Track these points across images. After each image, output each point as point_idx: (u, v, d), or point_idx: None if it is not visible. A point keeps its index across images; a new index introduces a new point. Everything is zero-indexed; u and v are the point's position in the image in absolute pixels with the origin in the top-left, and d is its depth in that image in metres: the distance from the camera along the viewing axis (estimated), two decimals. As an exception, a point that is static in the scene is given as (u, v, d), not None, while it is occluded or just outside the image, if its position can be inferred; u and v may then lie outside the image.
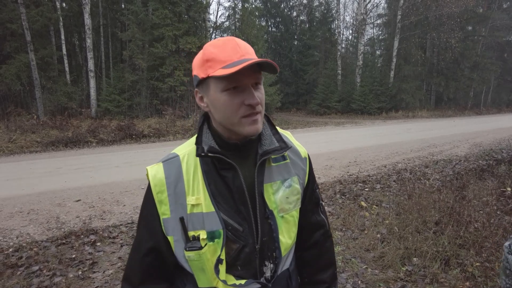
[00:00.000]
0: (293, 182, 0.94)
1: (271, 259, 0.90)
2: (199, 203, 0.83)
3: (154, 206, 0.85)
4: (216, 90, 0.79)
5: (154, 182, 0.85)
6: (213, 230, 0.82)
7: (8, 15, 14.46)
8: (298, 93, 27.92)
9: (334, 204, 4.49)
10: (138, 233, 0.91)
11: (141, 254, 0.88)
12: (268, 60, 0.75)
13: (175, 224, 0.84)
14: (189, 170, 0.86)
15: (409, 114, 20.69)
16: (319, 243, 1.07)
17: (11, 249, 3.37)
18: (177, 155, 0.89)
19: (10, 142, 9.41)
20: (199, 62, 0.82)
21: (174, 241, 0.85)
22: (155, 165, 0.88)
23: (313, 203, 1.04)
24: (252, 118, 0.80)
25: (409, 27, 22.39)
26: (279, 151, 0.89)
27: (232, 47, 0.78)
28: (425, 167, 6.48)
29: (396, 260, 2.84)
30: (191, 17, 16.43)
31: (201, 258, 0.83)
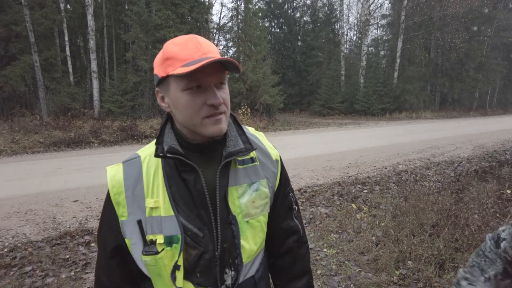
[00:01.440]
0: (261, 186, 0.90)
1: (232, 266, 0.86)
2: (158, 206, 0.80)
3: (113, 208, 0.83)
4: (176, 90, 0.77)
5: (112, 184, 0.83)
6: (171, 235, 0.79)
7: (13, 17, 14.60)
8: (301, 94, 27.88)
9: (331, 206, 4.45)
10: (100, 236, 0.89)
11: (106, 257, 0.87)
12: (229, 59, 0.73)
13: (133, 227, 0.81)
14: (149, 172, 0.83)
15: (413, 115, 20.55)
16: (292, 250, 1.02)
17: (5, 249, 3.38)
18: (139, 155, 0.86)
19: (13, 143, 9.48)
20: (159, 60, 0.79)
21: (131, 244, 0.82)
22: (115, 166, 0.86)
23: (285, 207, 1.00)
24: (215, 118, 0.77)
25: (413, 28, 22.27)
26: (243, 152, 0.85)
27: (194, 45, 0.75)
28: (426, 169, 6.42)
29: (390, 263, 2.80)
30: (193, 18, 16.48)
31: (157, 263, 0.80)
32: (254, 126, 14.61)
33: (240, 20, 18.86)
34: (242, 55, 18.83)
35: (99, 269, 0.90)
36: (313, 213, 4.17)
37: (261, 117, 16.98)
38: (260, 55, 17.98)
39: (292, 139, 11.19)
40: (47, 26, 14.94)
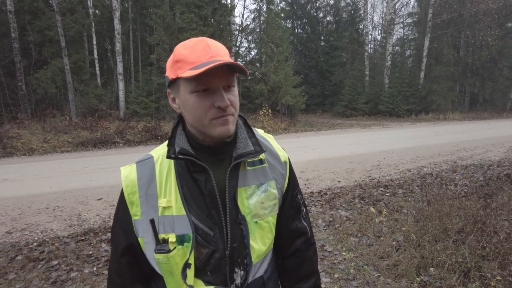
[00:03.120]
0: (270, 187, 0.91)
1: (241, 266, 0.88)
2: (170, 206, 0.82)
3: (126, 207, 0.85)
4: (185, 92, 0.78)
5: (125, 183, 0.85)
6: (183, 233, 0.81)
7: (46, 22, 15.36)
8: (324, 94, 27.55)
9: (352, 209, 4.37)
10: (113, 235, 0.92)
11: (118, 255, 0.88)
12: (236, 63, 0.74)
13: (146, 226, 0.83)
14: (162, 172, 0.85)
15: (440, 117, 19.82)
16: (300, 251, 1.02)
17: (35, 243, 3.55)
18: (152, 156, 0.89)
19: (45, 142, 9.94)
20: (170, 62, 0.81)
21: (144, 242, 0.84)
22: (128, 166, 0.89)
23: (293, 209, 1.00)
24: (221, 119, 0.78)
25: (441, 26, 21.47)
26: (253, 154, 0.86)
27: (203, 48, 0.76)
28: (453, 172, 6.17)
29: (411, 269, 2.71)
30: (216, 21, 16.67)
31: (169, 261, 0.81)
32: (275, 127, 14.59)
33: (262, 22, 18.88)
34: (264, 56, 18.85)
35: (111, 267, 0.92)
36: (333, 216, 4.10)
37: (283, 118, 16.92)
38: (282, 56, 17.93)
39: (314, 140, 11.07)
40: (77, 30, 15.61)
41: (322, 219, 4.04)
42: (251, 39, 20.67)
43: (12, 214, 4.39)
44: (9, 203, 4.78)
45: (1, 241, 3.62)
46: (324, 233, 3.64)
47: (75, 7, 15.86)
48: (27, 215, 4.36)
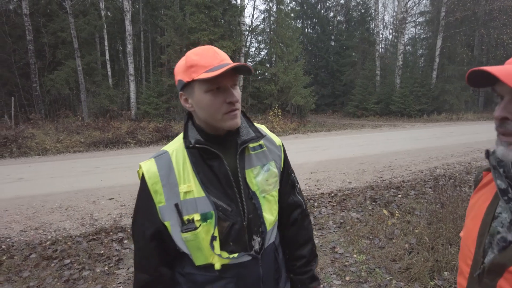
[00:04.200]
0: (271, 166, 1.08)
1: (258, 234, 1.02)
2: (191, 190, 0.94)
3: (150, 197, 0.95)
4: (200, 92, 0.92)
5: (148, 175, 0.95)
6: (205, 212, 0.94)
7: (60, 25, 15.66)
8: (334, 94, 27.36)
9: (363, 210, 4.32)
10: (137, 224, 1.00)
11: (147, 241, 0.97)
12: (245, 63, 0.89)
13: (171, 210, 0.94)
14: (178, 163, 0.97)
15: (453, 117, 19.45)
16: (297, 221, 1.18)
17: (48, 242, 3.61)
18: (166, 151, 1.00)
19: (58, 142, 10.12)
20: (183, 68, 0.93)
21: (170, 225, 0.95)
22: (147, 161, 0.99)
23: (289, 185, 1.17)
24: (232, 113, 0.94)
25: (454, 24, 21.09)
26: (255, 139, 1.03)
27: (212, 54, 0.92)
28: (467, 174, 6.04)
29: (424, 273, 2.66)
30: (226, 21, 16.71)
31: (197, 237, 0.93)
32: (285, 127, 14.55)
33: (272, 22, 18.86)
34: (274, 56, 18.82)
35: (139, 254, 1.01)
36: (344, 218, 4.06)
37: (292, 118, 16.87)
38: (292, 56, 17.87)
39: (324, 141, 11.00)
40: (89, 32, 15.87)
41: (333, 221, 4.00)
42: (261, 40, 20.70)
43: (27, 212, 4.47)
44: (24, 202, 4.87)
45: (16, 239, 3.69)
46: (335, 235, 3.60)
47: (87, 9, 16.11)
48: (40, 214, 4.44)
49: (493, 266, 0.69)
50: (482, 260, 0.72)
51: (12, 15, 15.86)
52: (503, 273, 0.67)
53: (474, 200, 0.84)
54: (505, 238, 0.68)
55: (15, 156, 8.79)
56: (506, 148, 0.67)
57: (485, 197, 0.79)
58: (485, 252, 0.72)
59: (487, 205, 0.76)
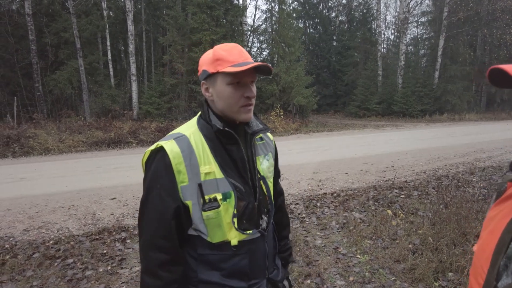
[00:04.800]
0: (270, 157, 1.22)
1: (265, 213, 1.15)
2: (212, 171, 1.01)
3: (173, 176, 0.98)
4: (222, 83, 1.00)
5: (172, 155, 0.98)
6: (226, 191, 1.01)
7: (62, 24, 15.69)
8: (336, 94, 27.30)
9: (366, 211, 4.30)
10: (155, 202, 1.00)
11: (168, 219, 0.98)
12: (267, 64, 0.97)
13: (193, 190, 0.99)
14: (198, 146, 1.02)
15: (455, 117, 19.39)
16: (281, 207, 1.38)
17: (51, 241, 3.61)
18: (184, 134, 1.04)
19: (60, 142, 10.13)
20: (210, 60, 1.02)
21: (192, 204, 1.00)
22: (168, 141, 1.01)
23: (277, 175, 1.31)
24: (248, 107, 1.04)
25: (456, 24, 21.02)
26: (264, 130, 1.14)
27: (238, 52, 1.01)
28: (470, 174, 6.02)
29: (429, 273, 2.64)
30: (228, 21, 16.71)
31: (219, 215, 1.00)
32: (287, 127, 14.52)
33: (274, 22, 18.85)
34: (275, 56, 18.80)
35: (155, 235, 1.00)
36: (347, 218, 4.05)
37: (294, 118, 16.84)
38: (294, 56, 17.84)
39: (326, 141, 10.98)
40: (92, 32, 15.88)
41: (335, 221, 3.99)
42: (263, 40, 20.70)
43: (29, 212, 4.47)
44: (26, 201, 4.88)
45: (19, 238, 3.70)
46: (338, 235, 3.59)
47: (90, 9, 16.13)
48: (43, 213, 4.44)
49: None
50: (495, 284, 0.66)
51: (15, 15, 15.90)
52: None
53: (494, 212, 0.76)
54: None
55: (17, 155, 8.81)
56: None
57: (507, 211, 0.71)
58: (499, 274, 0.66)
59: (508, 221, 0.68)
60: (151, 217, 1.01)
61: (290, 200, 4.84)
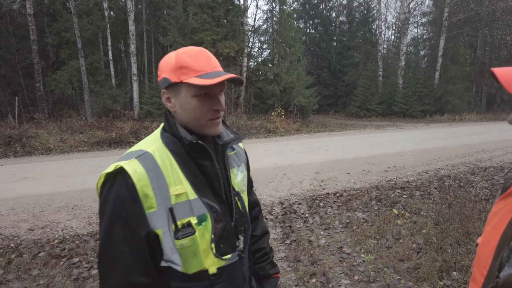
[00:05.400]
0: (243, 168, 1.12)
1: (242, 233, 1.04)
2: (184, 192, 0.89)
3: (138, 202, 0.83)
4: (187, 95, 0.89)
5: (136, 177, 0.83)
6: (200, 214, 0.90)
7: (63, 25, 15.71)
8: (336, 95, 27.33)
9: (369, 210, 4.32)
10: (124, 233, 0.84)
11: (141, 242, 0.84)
12: (238, 76, 0.89)
13: (163, 216, 0.86)
14: (165, 163, 0.89)
15: (456, 118, 19.41)
16: (257, 218, 1.28)
17: (56, 240, 3.63)
18: (147, 151, 0.90)
19: (62, 142, 10.14)
20: (172, 67, 0.89)
21: (162, 233, 0.86)
22: (129, 162, 0.85)
23: (249, 185, 1.22)
24: (216, 121, 0.94)
25: (457, 25, 21.05)
26: (236, 140, 1.03)
27: (205, 59, 0.90)
28: (472, 174, 6.04)
29: (433, 273, 2.66)
30: (229, 21, 16.73)
31: (194, 242, 0.89)
32: (287, 128, 14.53)
33: (275, 22, 18.87)
34: (276, 56, 18.83)
35: (131, 272, 0.84)
36: (350, 218, 4.07)
37: (295, 118, 16.86)
38: (295, 56, 17.87)
39: (327, 141, 11.00)
40: (92, 32, 15.89)
41: (339, 221, 4.01)
42: (264, 40, 20.71)
43: (33, 211, 4.49)
44: (30, 201, 4.89)
45: (24, 237, 3.71)
46: (341, 235, 3.61)
47: (91, 9, 16.15)
48: (47, 212, 4.46)
49: (506, 284, 0.66)
50: (497, 274, 0.69)
51: (16, 15, 15.92)
52: None
53: (498, 207, 0.79)
54: None
55: (19, 155, 8.82)
56: None
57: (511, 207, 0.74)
58: (502, 265, 0.69)
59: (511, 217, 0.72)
60: (122, 252, 0.84)
61: (293, 200, 4.86)
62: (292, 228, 3.82)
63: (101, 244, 0.86)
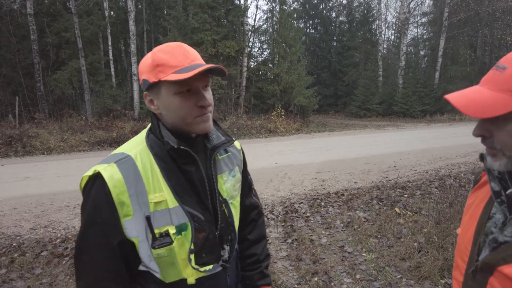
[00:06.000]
0: (236, 172, 1.05)
1: (227, 242, 1.00)
2: (163, 199, 0.85)
3: (114, 209, 0.82)
4: (168, 93, 0.84)
5: (112, 183, 0.81)
6: (180, 223, 0.86)
7: (64, 24, 15.70)
8: (336, 95, 27.34)
9: (370, 210, 4.33)
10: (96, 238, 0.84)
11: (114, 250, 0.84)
12: (219, 66, 0.82)
13: (139, 224, 0.83)
14: (146, 168, 0.86)
15: (456, 117, 19.43)
16: (254, 221, 1.20)
17: (58, 240, 3.64)
18: (128, 155, 0.87)
19: (62, 142, 10.15)
20: (149, 67, 0.84)
21: (139, 242, 0.84)
22: (107, 167, 0.84)
23: (246, 187, 1.16)
24: (204, 117, 0.87)
25: (457, 25, 21.07)
26: (227, 143, 0.99)
27: (182, 53, 0.84)
28: (472, 174, 6.05)
29: (434, 271, 2.68)
30: (229, 21, 16.74)
31: (172, 252, 0.85)
32: (288, 127, 14.55)
33: (275, 22, 18.89)
34: (276, 56, 18.84)
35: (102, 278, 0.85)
36: (351, 217, 4.08)
37: (295, 118, 16.87)
38: (295, 56, 17.89)
39: (328, 141, 11.01)
40: (93, 32, 15.89)
41: (340, 220, 4.02)
42: (264, 40, 20.73)
43: (35, 211, 4.50)
44: (32, 200, 4.90)
45: (26, 237, 3.72)
46: (343, 234, 3.62)
47: (91, 9, 16.15)
48: (49, 212, 4.47)
49: (484, 265, 0.71)
50: (476, 258, 0.74)
51: (17, 15, 15.91)
52: (493, 271, 0.69)
53: (471, 199, 0.86)
54: (496, 239, 0.70)
55: (20, 155, 8.83)
56: (491, 159, 0.71)
57: (482, 197, 0.80)
58: (480, 250, 0.74)
59: (484, 205, 0.78)
60: (95, 257, 0.84)
61: (294, 199, 4.87)
62: (294, 227, 3.83)
63: (77, 245, 0.87)
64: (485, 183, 0.83)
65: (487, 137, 0.69)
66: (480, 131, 0.70)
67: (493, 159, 0.70)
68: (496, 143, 0.67)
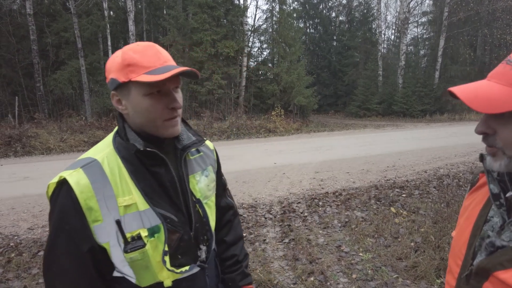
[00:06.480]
0: (210, 172, 1.05)
1: (204, 242, 0.99)
2: (133, 203, 0.84)
3: (82, 215, 0.81)
4: (138, 94, 0.82)
5: (79, 189, 0.80)
6: (152, 225, 0.85)
7: (63, 24, 15.71)
8: (336, 94, 27.34)
9: (368, 209, 4.33)
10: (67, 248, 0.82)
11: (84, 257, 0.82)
12: (193, 69, 0.82)
13: (110, 229, 0.82)
14: (113, 172, 0.84)
15: (456, 117, 19.43)
16: (230, 222, 1.20)
17: (55, 240, 3.64)
18: (95, 159, 0.86)
19: (62, 142, 10.15)
20: (119, 66, 0.82)
21: (110, 246, 0.83)
22: (73, 172, 0.82)
23: (221, 188, 1.16)
24: (173, 121, 0.87)
25: (457, 25, 21.06)
26: (197, 143, 0.98)
27: (154, 54, 0.83)
28: (471, 174, 6.04)
29: (431, 271, 2.67)
30: (229, 21, 16.74)
31: (145, 256, 0.84)
32: (287, 127, 14.54)
33: (275, 22, 18.88)
34: (276, 56, 18.84)
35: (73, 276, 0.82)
36: (349, 217, 4.08)
37: (295, 118, 16.87)
38: (295, 56, 17.88)
39: (327, 141, 11.01)
40: (92, 32, 15.90)
41: (338, 220, 4.02)
42: (264, 40, 20.71)
43: (33, 211, 4.51)
44: (30, 200, 4.91)
45: (24, 237, 3.73)
46: (340, 234, 3.62)
47: (91, 9, 16.16)
48: (47, 212, 4.44)
49: (479, 269, 0.69)
50: (471, 262, 0.73)
51: (16, 15, 15.92)
52: (489, 277, 0.67)
53: (468, 201, 0.84)
54: (493, 243, 0.68)
55: (19, 155, 8.84)
56: (491, 159, 0.68)
57: (479, 199, 0.79)
58: (475, 254, 0.72)
59: (481, 208, 0.76)
60: (65, 266, 0.82)
61: (292, 199, 4.87)
62: (291, 227, 3.83)
63: (45, 255, 0.84)
64: (482, 185, 0.81)
65: (489, 134, 0.66)
66: (483, 128, 0.66)
67: (493, 159, 0.68)
68: (498, 141, 0.65)
